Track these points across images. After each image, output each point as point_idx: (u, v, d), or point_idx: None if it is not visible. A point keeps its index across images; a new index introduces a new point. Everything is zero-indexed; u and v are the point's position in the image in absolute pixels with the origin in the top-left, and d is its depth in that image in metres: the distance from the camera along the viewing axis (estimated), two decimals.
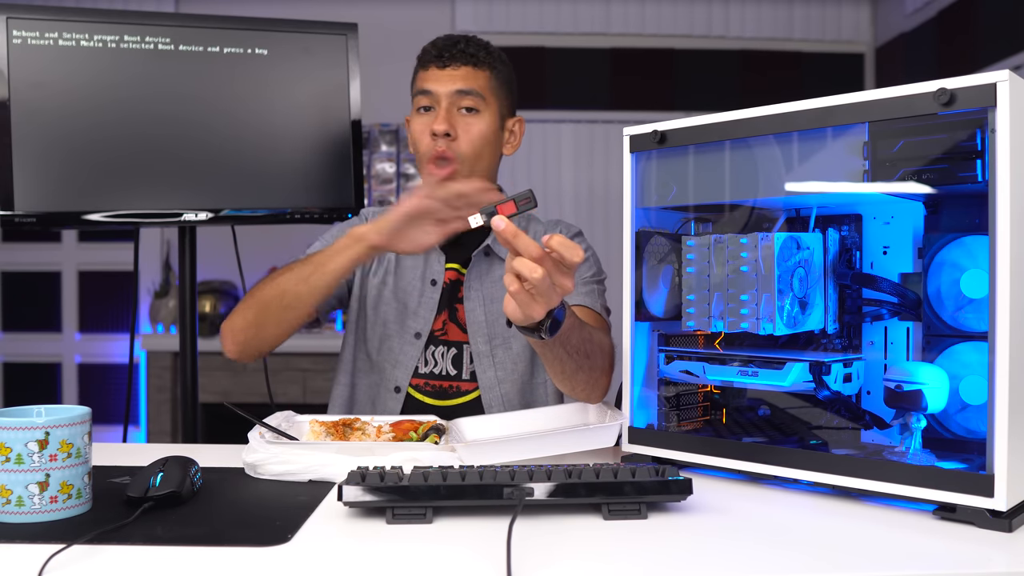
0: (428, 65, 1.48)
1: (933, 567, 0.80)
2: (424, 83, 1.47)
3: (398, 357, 1.47)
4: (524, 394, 1.47)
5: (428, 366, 1.47)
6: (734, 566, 0.81)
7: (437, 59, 1.47)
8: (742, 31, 4.10)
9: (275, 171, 1.66)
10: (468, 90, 1.45)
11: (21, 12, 1.52)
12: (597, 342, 1.26)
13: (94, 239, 4.03)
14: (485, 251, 1.49)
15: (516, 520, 0.84)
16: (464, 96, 1.45)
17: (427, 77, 1.47)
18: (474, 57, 1.47)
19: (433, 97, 1.46)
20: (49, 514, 0.91)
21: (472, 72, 1.47)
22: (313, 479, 1.07)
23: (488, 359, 1.46)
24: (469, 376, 1.47)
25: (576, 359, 1.20)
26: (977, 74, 0.90)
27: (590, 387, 1.25)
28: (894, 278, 1.14)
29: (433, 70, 1.47)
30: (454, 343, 1.47)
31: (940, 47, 3.56)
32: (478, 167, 1.46)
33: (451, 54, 1.46)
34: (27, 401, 1.04)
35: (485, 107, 1.47)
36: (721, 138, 1.11)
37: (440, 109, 1.44)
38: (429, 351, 1.47)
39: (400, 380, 1.46)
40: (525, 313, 1.02)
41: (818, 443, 1.15)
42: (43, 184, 1.53)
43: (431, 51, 1.49)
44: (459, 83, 1.45)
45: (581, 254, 0.98)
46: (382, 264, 1.52)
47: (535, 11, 4.04)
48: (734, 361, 1.15)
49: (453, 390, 1.47)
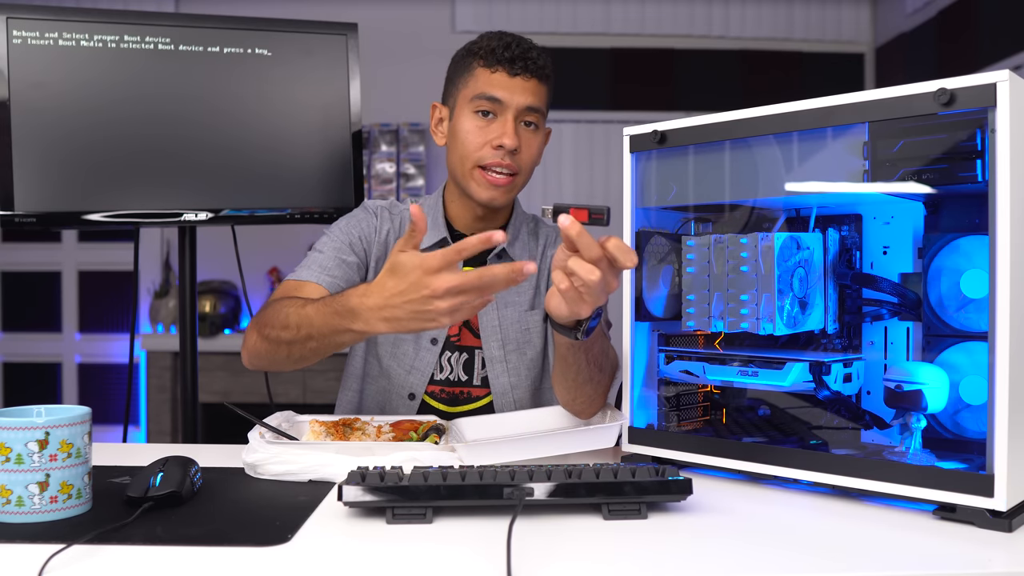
0: (496, 67, 1.37)
1: (933, 567, 0.80)
2: (492, 88, 1.37)
3: (413, 363, 1.44)
4: (536, 400, 1.47)
5: (443, 372, 1.45)
6: (734, 566, 0.81)
7: (509, 64, 1.37)
8: (742, 31, 4.10)
9: (275, 171, 1.66)
10: (536, 107, 1.39)
11: (21, 12, 1.52)
12: (611, 358, 1.27)
13: (94, 239, 4.03)
14: (499, 255, 1.47)
15: (516, 520, 0.84)
16: (531, 112, 1.39)
17: (495, 82, 1.37)
18: (543, 70, 1.40)
19: (500, 106, 1.37)
20: (49, 514, 0.91)
21: (538, 87, 1.40)
22: (313, 479, 1.07)
23: (502, 364, 1.44)
24: (480, 382, 1.45)
25: (590, 369, 1.20)
26: (977, 74, 0.90)
27: (589, 401, 1.25)
28: (894, 278, 1.14)
29: (502, 75, 1.37)
30: (466, 348, 1.46)
31: (940, 47, 3.56)
32: (526, 181, 1.43)
33: (524, 64, 1.37)
34: (27, 401, 1.04)
35: (541, 124, 1.42)
36: (721, 138, 1.11)
37: (507, 121, 1.36)
38: (444, 357, 1.46)
39: (416, 387, 1.43)
40: (572, 310, 1.03)
41: (818, 443, 1.15)
42: (43, 184, 1.53)
43: (501, 52, 1.37)
44: (530, 98, 1.38)
45: (635, 259, 0.99)
46: None
47: (535, 11, 4.04)
48: (734, 361, 1.15)
49: (464, 396, 1.45)
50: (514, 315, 1.46)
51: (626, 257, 0.98)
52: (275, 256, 3.71)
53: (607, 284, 1.00)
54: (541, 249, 1.51)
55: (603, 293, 1.01)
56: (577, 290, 1.00)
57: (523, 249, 1.49)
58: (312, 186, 1.68)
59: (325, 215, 1.67)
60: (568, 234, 0.97)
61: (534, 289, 1.48)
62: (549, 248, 1.51)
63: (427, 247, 1.45)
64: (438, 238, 1.46)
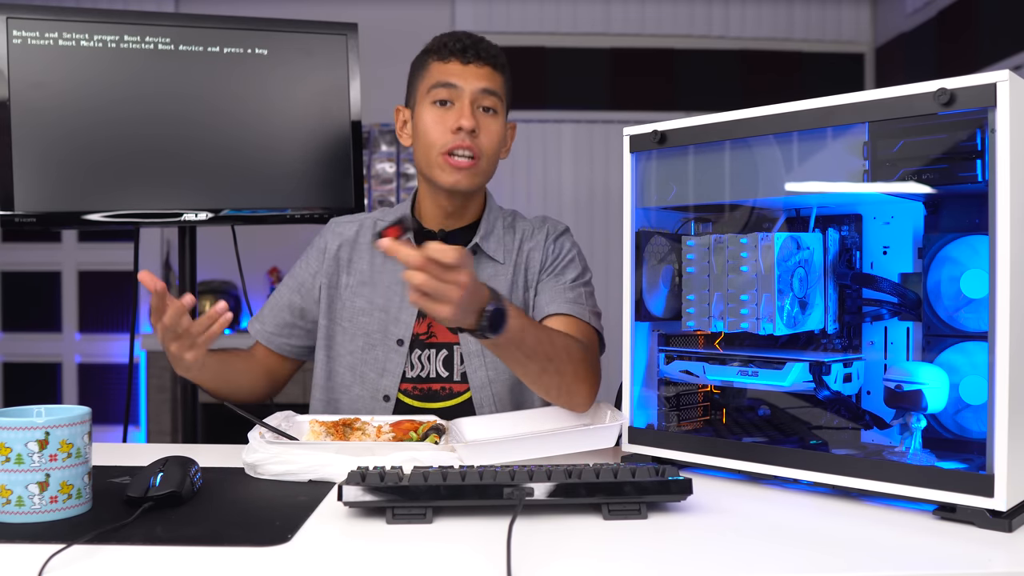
0: (448, 58, 1.44)
1: (933, 567, 0.80)
2: (446, 76, 1.43)
3: (384, 365, 1.45)
4: (515, 394, 1.47)
5: (415, 370, 1.46)
6: (734, 566, 0.81)
7: (461, 54, 1.44)
8: (742, 31, 4.10)
9: (275, 171, 1.66)
10: (491, 90, 1.44)
11: (21, 12, 1.52)
12: (562, 346, 1.26)
13: (94, 239, 4.03)
14: (473, 250, 1.48)
15: (516, 520, 0.84)
16: (487, 95, 1.44)
17: (449, 71, 1.43)
18: (495, 59, 1.46)
19: (456, 91, 1.42)
20: (49, 514, 0.91)
21: (492, 73, 1.45)
22: (313, 479, 1.07)
23: (479, 359, 1.45)
24: (460, 377, 1.46)
25: (537, 361, 1.21)
26: (977, 74, 0.90)
27: (564, 392, 1.26)
28: (894, 278, 1.14)
29: (455, 64, 1.44)
30: (444, 344, 1.46)
31: (940, 47, 3.56)
32: (490, 167, 1.47)
33: (475, 52, 1.44)
34: (27, 401, 1.04)
35: (500, 110, 1.47)
36: (721, 138, 1.11)
37: (464, 104, 1.42)
38: (415, 355, 1.46)
39: (389, 388, 1.44)
40: (433, 315, 1.06)
41: (818, 443, 1.15)
42: (43, 184, 1.53)
43: (452, 44, 1.45)
44: (484, 81, 1.43)
45: (452, 255, 1.01)
46: (352, 275, 1.49)
47: (535, 11, 4.04)
48: (734, 361, 1.15)
49: (444, 392, 1.46)
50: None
51: (444, 253, 1.01)
52: (275, 256, 3.71)
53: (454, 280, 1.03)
54: (518, 244, 1.50)
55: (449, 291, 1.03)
56: (424, 297, 1.03)
57: (498, 243, 1.49)
58: (312, 186, 1.68)
59: (325, 215, 1.67)
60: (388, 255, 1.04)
61: (510, 283, 1.47)
62: (526, 242, 1.50)
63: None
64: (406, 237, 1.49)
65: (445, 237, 1.48)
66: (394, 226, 1.09)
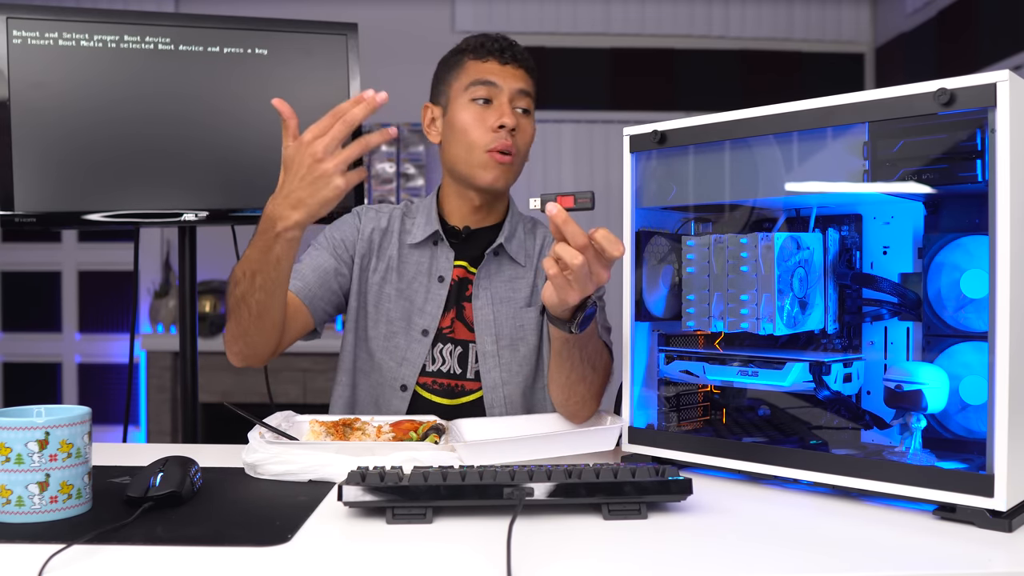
0: (487, 58, 1.46)
1: (933, 567, 0.80)
2: (486, 74, 1.45)
3: (405, 354, 1.46)
4: (527, 398, 1.47)
5: (436, 364, 1.47)
6: (734, 566, 0.81)
7: (499, 54, 1.46)
8: (742, 31, 4.10)
9: (275, 171, 1.64)
10: (527, 91, 1.47)
11: (21, 12, 1.52)
12: (603, 360, 1.30)
13: (94, 239, 4.03)
14: (496, 250, 1.49)
15: (516, 520, 0.84)
16: (522, 96, 1.46)
17: (488, 69, 1.45)
18: (527, 62, 1.49)
19: (496, 90, 1.44)
20: (49, 514, 0.91)
21: (526, 76, 1.48)
22: (313, 479, 1.07)
23: (494, 359, 1.45)
24: (473, 375, 1.46)
25: (583, 368, 1.23)
26: (977, 74, 0.90)
27: (582, 403, 1.27)
28: (894, 278, 1.14)
29: (493, 64, 1.46)
30: (460, 341, 1.47)
31: (940, 47, 3.56)
32: (522, 167, 1.50)
33: (512, 53, 1.47)
34: (27, 401, 1.04)
35: (532, 112, 1.50)
36: (721, 138, 1.11)
37: (503, 103, 1.44)
38: (436, 349, 1.47)
39: (407, 378, 1.45)
40: (560, 297, 1.06)
41: (818, 443, 1.15)
42: (43, 184, 1.53)
43: (489, 45, 1.47)
44: (520, 82, 1.46)
45: (623, 249, 1.03)
46: (382, 260, 1.50)
47: (535, 11, 4.04)
48: (734, 361, 1.15)
49: (458, 389, 1.46)
50: (509, 311, 1.47)
51: (613, 246, 1.02)
52: None
53: (597, 274, 1.04)
54: (539, 248, 1.52)
55: (588, 280, 1.04)
56: (564, 277, 1.04)
57: (520, 247, 1.51)
58: None
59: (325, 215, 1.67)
60: (555, 222, 1.02)
61: (530, 287, 1.49)
62: (547, 249, 1.52)
63: (419, 241, 1.50)
64: (431, 231, 1.50)
65: (469, 235, 1.50)
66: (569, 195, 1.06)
